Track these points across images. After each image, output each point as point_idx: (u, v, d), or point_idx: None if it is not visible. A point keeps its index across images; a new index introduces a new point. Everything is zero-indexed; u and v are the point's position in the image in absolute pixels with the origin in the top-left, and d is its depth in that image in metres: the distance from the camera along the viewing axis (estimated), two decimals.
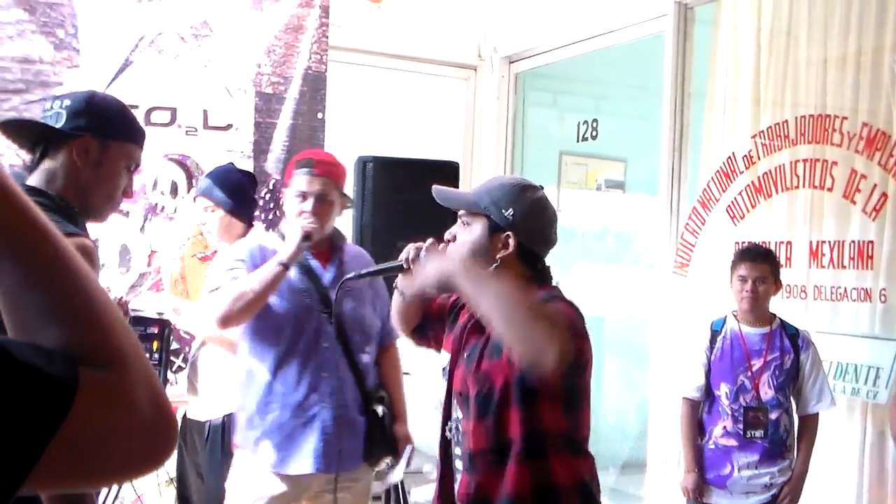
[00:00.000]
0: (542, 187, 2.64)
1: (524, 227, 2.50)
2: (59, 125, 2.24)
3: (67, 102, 2.27)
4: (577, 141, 6.73)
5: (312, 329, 3.48)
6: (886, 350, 4.13)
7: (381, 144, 5.86)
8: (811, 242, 4.57)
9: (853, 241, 4.40)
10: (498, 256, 2.48)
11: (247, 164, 4.59)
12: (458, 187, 5.05)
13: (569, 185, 7.18)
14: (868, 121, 4.37)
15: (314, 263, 3.55)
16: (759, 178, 4.91)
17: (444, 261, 2.42)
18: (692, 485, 3.96)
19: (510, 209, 2.49)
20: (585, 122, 6.69)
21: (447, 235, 2.58)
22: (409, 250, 2.62)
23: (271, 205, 4.69)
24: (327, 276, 3.55)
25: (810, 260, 4.59)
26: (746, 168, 4.99)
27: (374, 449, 3.54)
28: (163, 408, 0.92)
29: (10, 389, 0.79)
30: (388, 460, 3.61)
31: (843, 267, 4.43)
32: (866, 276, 4.33)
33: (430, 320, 2.85)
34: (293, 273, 3.46)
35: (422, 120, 6.70)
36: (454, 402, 2.57)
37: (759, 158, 4.93)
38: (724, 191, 5.09)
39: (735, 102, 5.19)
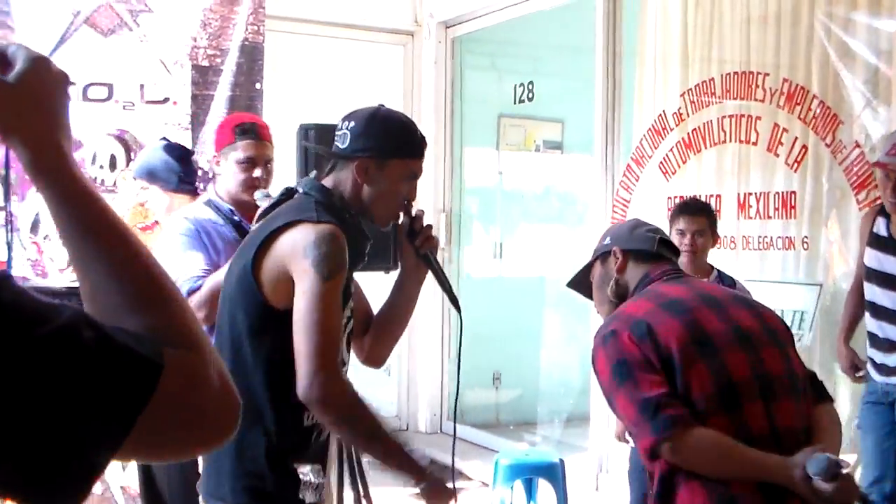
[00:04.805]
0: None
1: (619, 242, 2.58)
2: (343, 146, 2.38)
3: (352, 124, 2.39)
4: (515, 103, 6.83)
5: None
6: (810, 295, 4.31)
7: (322, 112, 5.88)
8: (739, 195, 4.73)
9: (777, 193, 4.57)
10: (616, 277, 2.57)
11: (185, 137, 4.63)
12: None
13: (508, 147, 7.28)
14: (788, 76, 4.53)
15: None
16: (688, 134, 5.06)
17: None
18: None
19: (606, 239, 2.62)
20: (522, 84, 6.79)
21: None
22: None
23: (210, 174, 4.74)
24: None
25: (738, 211, 4.76)
26: (676, 125, 5.13)
27: None
28: (229, 385, 1.02)
29: (108, 366, 0.90)
30: None
31: (769, 217, 4.60)
32: (790, 225, 4.51)
33: None
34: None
35: (361, 86, 6.75)
36: None
37: (688, 115, 5.07)
38: (655, 148, 5.24)
39: (664, 61, 5.32)
